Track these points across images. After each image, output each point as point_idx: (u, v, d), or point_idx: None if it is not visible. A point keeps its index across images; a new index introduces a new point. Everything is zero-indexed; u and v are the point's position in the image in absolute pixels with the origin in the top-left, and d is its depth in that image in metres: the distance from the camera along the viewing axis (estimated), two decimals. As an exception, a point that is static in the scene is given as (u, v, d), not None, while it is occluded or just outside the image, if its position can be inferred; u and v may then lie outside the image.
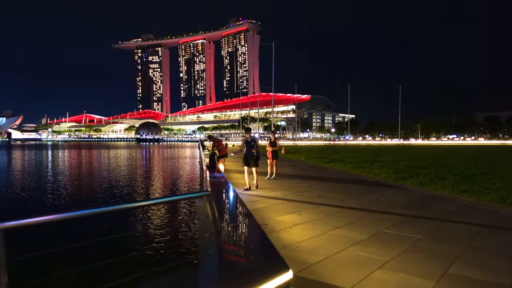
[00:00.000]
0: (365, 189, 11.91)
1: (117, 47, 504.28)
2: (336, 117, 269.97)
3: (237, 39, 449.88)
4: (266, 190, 11.27)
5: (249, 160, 11.42)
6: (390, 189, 12.05)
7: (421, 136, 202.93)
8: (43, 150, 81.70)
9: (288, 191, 11.07)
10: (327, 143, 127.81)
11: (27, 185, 20.52)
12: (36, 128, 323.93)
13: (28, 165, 37.76)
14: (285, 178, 14.98)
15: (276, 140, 15.10)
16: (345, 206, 8.68)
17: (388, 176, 15.67)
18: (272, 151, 14.93)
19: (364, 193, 11.04)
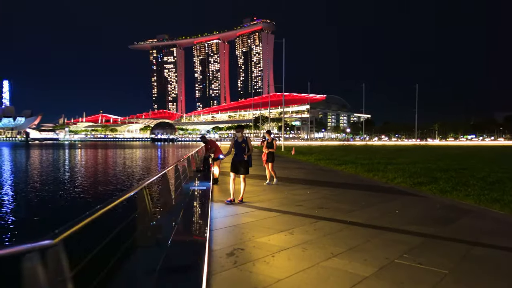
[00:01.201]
0: (376, 197, 10.30)
1: (133, 48, 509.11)
2: (351, 117, 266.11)
3: (251, 39, 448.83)
4: (259, 198, 9.78)
5: (237, 166, 9.23)
6: (405, 197, 10.41)
7: (438, 136, 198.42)
8: (60, 150, 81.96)
9: (285, 200, 9.55)
10: (341, 143, 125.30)
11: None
12: (53, 128, 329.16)
13: (45, 166, 37.17)
14: (287, 182, 13.45)
15: (273, 140, 13.57)
16: (349, 221, 7.13)
17: (403, 181, 13.98)
18: (267, 154, 13.41)
19: (375, 202, 9.44)
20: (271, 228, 6.54)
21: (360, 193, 11.20)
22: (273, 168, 13.38)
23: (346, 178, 15.69)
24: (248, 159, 9.27)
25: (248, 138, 9.35)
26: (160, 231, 5.25)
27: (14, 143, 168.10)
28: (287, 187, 12.28)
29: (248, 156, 9.22)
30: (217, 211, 7.93)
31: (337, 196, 10.36)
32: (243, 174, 9.20)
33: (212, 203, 8.74)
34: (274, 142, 13.55)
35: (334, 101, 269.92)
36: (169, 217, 5.88)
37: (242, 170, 9.16)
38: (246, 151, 9.17)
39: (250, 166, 9.35)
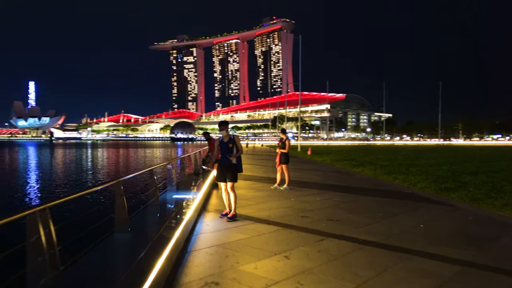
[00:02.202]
0: (397, 206, 8.91)
1: (154, 48, 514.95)
2: (372, 116, 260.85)
3: (270, 38, 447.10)
4: (260, 206, 8.54)
5: (224, 172, 7.33)
6: (430, 207, 8.98)
7: (462, 136, 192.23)
8: (82, 149, 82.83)
9: (289, 210, 8.27)
10: (360, 143, 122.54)
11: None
12: (76, 128, 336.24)
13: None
14: (297, 187, 12.15)
15: (286, 140, 12.24)
16: (362, 240, 5.83)
17: (428, 186, 12.47)
18: (280, 155, 12.13)
19: (395, 212, 8.07)
20: (263, 249, 5.30)
21: (377, 200, 9.82)
22: (288, 171, 12.08)
23: (363, 182, 14.26)
24: (237, 163, 7.45)
25: (236, 137, 7.52)
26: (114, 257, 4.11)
27: (39, 142, 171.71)
28: (296, 192, 10.99)
29: (237, 158, 7.40)
30: (205, 224, 6.76)
31: (350, 204, 9.01)
32: (230, 181, 7.28)
33: (203, 215, 7.59)
34: (287, 142, 12.21)
35: (355, 100, 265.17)
36: (134, 236, 4.73)
37: (228, 176, 7.25)
38: (233, 152, 7.32)
39: (240, 171, 7.54)
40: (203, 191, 9.06)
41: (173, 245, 4.51)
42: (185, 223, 5.57)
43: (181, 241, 5.18)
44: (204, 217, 7.33)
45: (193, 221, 6.57)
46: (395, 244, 5.63)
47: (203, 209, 8.08)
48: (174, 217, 5.51)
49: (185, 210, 6.13)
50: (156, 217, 5.56)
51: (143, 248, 4.12)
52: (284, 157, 12.05)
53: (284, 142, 12.18)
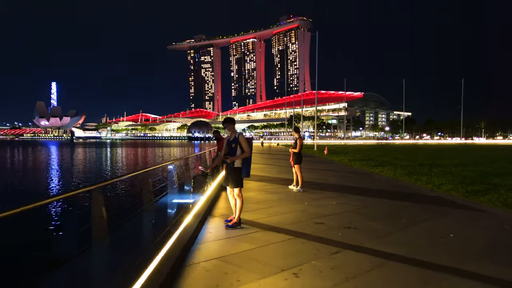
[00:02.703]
0: (421, 211, 8.10)
1: (171, 48, 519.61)
2: (391, 115, 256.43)
3: (287, 37, 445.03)
4: (270, 211, 7.84)
5: (227, 175, 6.54)
6: (459, 212, 8.13)
7: (485, 134, 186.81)
8: (102, 148, 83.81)
9: (303, 215, 7.57)
10: (378, 142, 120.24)
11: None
12: (96, 127, 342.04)
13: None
14: (311, 188, 11.43)
15: (299, 139, 11.51)
16: (384, 253, 5.09)
17: (453, 188, 11.54)
18: (293, 154, 11.46)
19: (419, 219, 7.28)
20: (270, 263, 4.62)
21: (399, 204, 9.00)
22: (300, 171, 11.38)
23: (383, 183, 13.41)
24: (243, 166, 6.45)
25: (241, 136, 6.46)
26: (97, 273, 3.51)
27: (61, 142, 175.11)
28: (310, 194, 10.26)
29: (243, 161, 6.43)
30: (208, 232, 6.12)
31: (370, 210, 8.24)
32: (232, 187, 6.45)
33: (207, 220, 6.96)
34: (298, 142, 11.50)
35: (373, 98, 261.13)
36: (117, 249, 4.12)
37: (230, 181, 6.44)
38: (236, 153, 6.41)
39: (246, 175, 6.49)
40: (209, 194, 8.45)
41: (162, 259, 3.88)
42: (182, 232, 4.94)
43: (175, 253, 4.55)
44: (208, 224, 6.70)
45: (193, 229, 5.95)
46: (423, 258, 4.87)
47: (208, 214, 7.46)
48: (170, 225, 4.88)
49: (184, 216, 5.50)
50: (148, 225, 4.95)
51: (123, 263, 3.51)
52: (295, 157, 11.36)
53: (296, 141, 11.51)
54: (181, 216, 5.45)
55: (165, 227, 4.82)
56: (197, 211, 6.33)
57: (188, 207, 6.11)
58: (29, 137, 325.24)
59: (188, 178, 8.14)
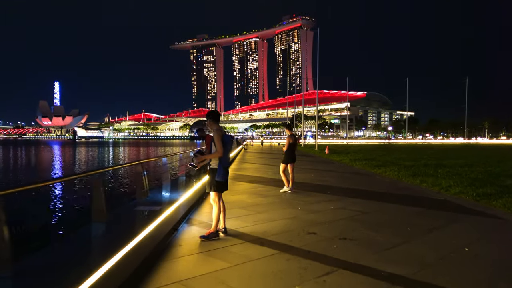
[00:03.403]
0: (428, 218, 7.17)
1: (174, 48, 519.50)
2: (394, 114, 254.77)
3: (290, 36, 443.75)
4: (258, 217, 6.91)
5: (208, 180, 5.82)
6: (471, 219, 7.20)
7: (488, 134, 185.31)
8: (103, 147, 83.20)
9: (294, 222, 6.65)
10: (381, 142, 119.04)
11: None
12: (99, 126, 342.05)
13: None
14: (308, 191, 10.51)
15: (288, 137, 10.69)
16: (387, 273, 4.17)
17: (463, 191, 10.59)
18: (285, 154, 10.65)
19: (426, 228, 6.35)
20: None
21: (403, 210, 8.06)
22: (292, 172, 10.58)
23: (386, 185, 12.46)
24: (219, 168, 5.50)
25: (216, 132, 5.59)
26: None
27: (63, 141, 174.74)
28: (305, 198, 9.34)
29: (218, 163, 5.50)
30: (179, 244, 5.21)
31: (370, 216, 7.31)
32: (209, 190, 5.65)
33: (182, 230, 6.06)
34: (287, 140, 10.67)
35: (375, 98, 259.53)
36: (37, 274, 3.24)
37: (207, 186, 5.67)
38: (208, 152, 5.73)
39: (219, 179, 5.49)
40: (188, 197, 7.53)
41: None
42: (135, 247, 4.02)
43: (122, 276, 3.64)
44: (182, 234, 5.78)
45: (157, 242, 5.02)
46: (435, 281, 3.95)
47: (184, 222, 6.56)
48: (123, 239, 3.97)
49: (146, 226, 4.60)
50: (97, 240, 4.06)
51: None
52: (285, 157, 10.52)
53: (295, 139, 10.66)
54: (142, 226, 4.55)
55: (113, 241, 3.91)
56: (165, 219, 5.39)
57: (157, 214, 5.22)
58: (32, 137, 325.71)
59: (166, 179, 7.25)
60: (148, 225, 4.68)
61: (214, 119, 5.73)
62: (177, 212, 6.38)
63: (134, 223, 4.76)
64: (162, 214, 5.40)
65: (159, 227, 5.06)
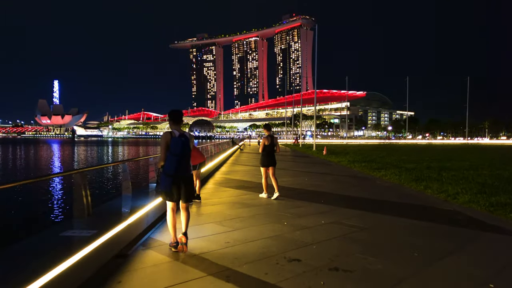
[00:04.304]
0: (438, 236, 5.98)
1: (174, 47, 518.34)
2: (394, 114, 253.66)
3: (290, 36, 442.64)
4: (234, 235, 5.70)
5: (179, 185, 5.16)
6: (490, 238, 6.00)
7: (488, 134, 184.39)
8: (101, 146, 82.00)
9: (276, 242, 5.44)
10: (381, 142, 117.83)
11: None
12: (98, 125, 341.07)
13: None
14: (298, 199, 9.31)
15: (264, 138, 9.69)
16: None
17: (473, 199, 9.38)
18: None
19: (437, 251, 5.16)
20: None
21: (408, 224, 6.87)
22: (273, 175, 9.64)
23: (386, 191, 11.27)
24: (162, 176, 5.01)
25: (163, 135, 5.14)
26: None
27: (62, 140, 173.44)
28: (295, 209, 8.14)
29: (163, 169, 5.01)
30: (127, 276, 4.04)
31: (369, 234, 6.12)
32: (186, 200, 5.13)
33: (133, 254, 4.87)
34: (262, 141, 9.63)
35: (375, 98, 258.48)
36: None
37: (184, 192, 5.06)
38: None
39: (162, 188, 5.00)
40: (147, 211, 6.30)
41: None
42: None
43: None
44: (130, 263, 4.58)
45: (80, 282, 3.82)
46: None
47: (139, 245, 5.34)
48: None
49: (67, 258, 3.40)
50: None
51: None
52: (261, 158, 9.62)
53: (272, 140, 9.65)
54: (64, 257, 3.35)
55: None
56: (105, 243, 4.17)
57: (95, 237, 4.02)
58: (31, 135, 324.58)
59: (126, 189, 6.07)
60: (72, 255, 3.48)
61: (173, 120, 5.22)
62: (131, 231, 5.19)
63: (54, 255, 3.55)
64: (103, 236, 4.21)
65: (94, 255, 3.86)
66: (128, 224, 5.11)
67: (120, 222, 4.93)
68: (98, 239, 4.09)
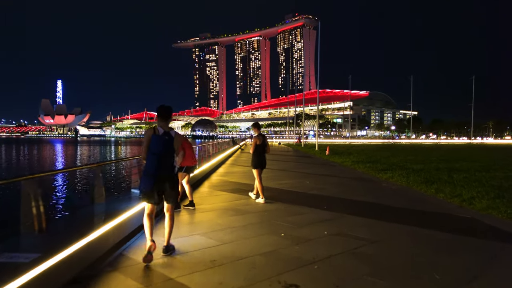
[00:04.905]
0: (459, 253, 5.12)
1: (176, 46, 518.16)
2: (397, 114, 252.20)
3: (293, 35, 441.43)
4: (219, 250, 4.85)
5: (159, 186, 4.72)
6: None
7: (492, 134, 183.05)
8: (101, 146, 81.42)
9: (269, 263, 4.59)
10: (384, 141, 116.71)
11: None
12: (101, 125, 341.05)
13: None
14: (298, 204, 8.45)
15: (255, 137, 9.08)
16: None
17: (491, 205, 8.48)
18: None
19: (462, 273, 4.32)
20: None
21: (423, 236, 6.00)
22: (260, 177, 8.93)
23: (395, 196, 10.40)
24: (142, 176, 4.60)
25: (177, 133, 4.88)
26: None
27: (65, 140, 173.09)
28: (294, 216, 7.28)
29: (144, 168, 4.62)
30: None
31: (379, 248, 5.26)
32: (170, 202, 4.77)
33: (96, 278, 4.04)
34: (253, 140, 8.94)
35: (378, 97, 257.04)
36: None
37: (168, 194, 4.67)
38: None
39: (142, 188, 4.57)
40: (121, 221, 5.45)
41: None
42: None
43: None
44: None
45: None
46: None
47: (105, 265, 4.49)
48: None
49: None
50: None
51: None
52: (253, 159, 8.99)
53: (264, 139, 8.93)
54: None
55: None
56: (45, 271, 3.34)
57: (41, 259, 3.20)
58: (34, 135, 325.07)
59: (99, 197, 5.24)
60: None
61: (160, 116, 4.83)
62: (96, 247, 4.36)
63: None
64: (56, 256, 3.39)
65: (35, 282, 3.03)
66: (95, 238, 4.29)
67: (84, 237, 4.11)
68: (47, 261, 3.27)
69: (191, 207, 7.79)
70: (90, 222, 4.70)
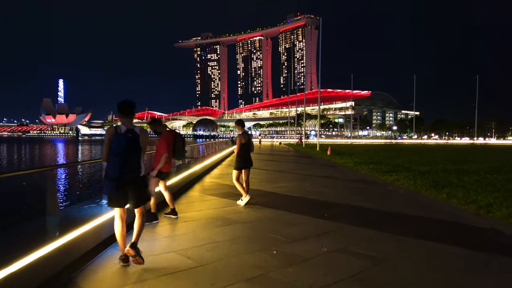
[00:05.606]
0: (484, 277, 4.23)
1: (178, 46, 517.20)
2: (399, 114, 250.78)
3: (294, 35, 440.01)
4: (199, 276, 3.96)
5: (125, 189, 4.24)
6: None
7: (495, 135, 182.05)
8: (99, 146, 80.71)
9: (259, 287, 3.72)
10: (387, 141, 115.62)
11: None
12: (102, 124, 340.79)
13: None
14: (295, 212, 7.54)
15: (239, 136, 8.28)
16: None
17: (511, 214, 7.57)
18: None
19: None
20: None
21: (439, 253, 5.07)
22: (247, 179, 8.38)
23: (402, 201, 9.47)
24: (104, 180, 4.18)
25: (143, 129, 4.35)
26: None
27: (66, 139, 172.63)
28: (289, 227, 6.35)
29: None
30: None
31: (388, 270, 4.34)
32: (138, 206, 4.37)
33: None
34: (238, 139, 8.04)
35: (380, 97, 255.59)
36: None
37: (134, 196, 4.26)
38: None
39: (105, 192, 4.25)
40: (73, 238, 4.53)
41: None
42: None
43: None
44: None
45: None
46: None
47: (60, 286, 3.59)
48: None
49: None
50: None
51: None
52: (236, 160, 8.20)
53: (248, 138, 8.07)
54: None
55: None
56: None
57: None
58: (35, 134, 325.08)
59: (52, 207, 4.36)
60: None
61: (121, 112, 4.36)
62: (40, 270, 3.46)
63: None
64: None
65: None
66: (39, 258, 3.39)
67: (25, 255, 3.22)
68: None
69: (173, 216, 6.86)
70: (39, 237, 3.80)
